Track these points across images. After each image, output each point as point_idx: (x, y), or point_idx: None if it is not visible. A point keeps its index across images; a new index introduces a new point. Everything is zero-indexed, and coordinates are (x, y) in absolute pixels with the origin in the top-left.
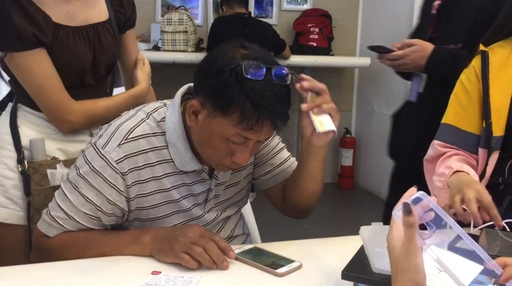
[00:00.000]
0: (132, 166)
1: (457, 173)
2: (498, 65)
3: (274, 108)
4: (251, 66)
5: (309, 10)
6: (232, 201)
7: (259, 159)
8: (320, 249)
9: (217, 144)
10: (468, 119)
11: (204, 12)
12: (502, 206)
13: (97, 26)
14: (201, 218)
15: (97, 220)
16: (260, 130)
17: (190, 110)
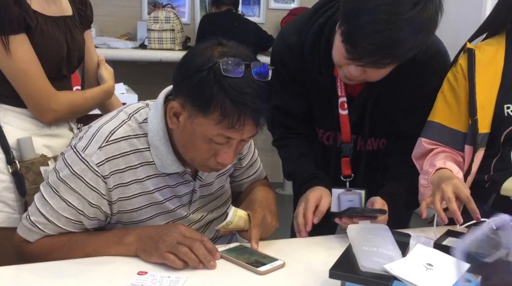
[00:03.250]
0: (113, 168)
1: (440, 170)
2: (484, 63)
3: (255, 105)
4: (229, 64)
5: (297, 8)
6: (218, 202)
7: (239, 163)
8: (307, 248)
9: (200, 145)
10: (455, 117)
11: (191, 10)
12: (487, 203)
13: (66, 19)
14: (186, 219)
15: (79, 224)
16: (242, 129)
17: (171, 112)
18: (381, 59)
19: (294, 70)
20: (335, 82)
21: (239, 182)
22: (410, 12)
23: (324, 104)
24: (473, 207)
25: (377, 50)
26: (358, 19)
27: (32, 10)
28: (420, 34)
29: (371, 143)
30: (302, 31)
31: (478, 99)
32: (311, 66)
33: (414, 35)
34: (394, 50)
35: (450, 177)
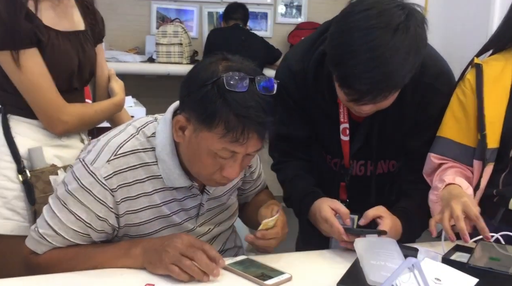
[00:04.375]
0: (121, 182)
1: (449, 185)
2: (492, 78)
3: (259, 118)
4: (233, 78)
5: (303, 23)
6: (225, 216)
7: (250, 177)
8: (314, 261)
9: (205, 159)
10: (463, 132)
11: (199, 24)
12: (496, 218)
13: (79, 34)
14: (193, 231)
15: (87, 236)
16: (246, 143)
17: (177, 126)
18: (380, 94)
19: (298, 97)
20: (339, 109)
21: (247, 193)
22: (392, 41)
23: (330, 131)
24: (482, 225)
25: (374, 88)
26: (346, 65)
27: (44, 25)
28: (410, 57)
29: (381, 166)
30: (305, 58)
31: (487, 114)
32: (315, 93)
33: (404, 61)
34: (390, 81)
35: (459, 194)
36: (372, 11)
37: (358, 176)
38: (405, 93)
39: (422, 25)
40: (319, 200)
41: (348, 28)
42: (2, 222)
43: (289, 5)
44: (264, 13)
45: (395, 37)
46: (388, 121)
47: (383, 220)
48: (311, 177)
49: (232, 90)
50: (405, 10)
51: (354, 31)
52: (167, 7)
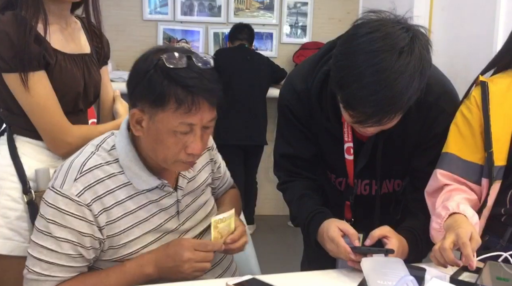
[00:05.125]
0: (93, 196)
1: (453, 215)
2: (498, 95)
3: (204, 85)
4: (172, 57)
5: (308, 43)
6: (204, 212)
7: (218, 172)
8: (320, 281)
9: (167, 140)
10: (469, 149)
11: (205, 45)
12: (504, 237)
13: (84, 56)
14: (177, 231)
15: (80, 256)
16: (200, 111)
17: (133, 120)
18: (385, 117)
19: (302, 116)
20: (343, 128)
21: (218, 191)
22: (396, 64)
23: (334, 150)
24: (466, 252)
25: (379, 111)
26: (350, 87)
27: (52, 48)
28: (415, 79)
29: (386, 185)
30: (309, 78)
31: (493, 132)
32: (319, 113)
33: (409, 83)
34: (395, 104)
35: (459, 224)
36: (377, 34)
37: (363, 195)
38: (410, 112)
39: (426, 47)
40: (328, 221)
41: (353, 51)
42: (2, 241)
43: (294, 25)
44: (270, 33)
45: (400, 60)
46: (392, 140)
47: (390, 240)
48: (318, 196)
49: (173, 67)
50: (409, 32)
51: (359, 53)
52: (173, 28)
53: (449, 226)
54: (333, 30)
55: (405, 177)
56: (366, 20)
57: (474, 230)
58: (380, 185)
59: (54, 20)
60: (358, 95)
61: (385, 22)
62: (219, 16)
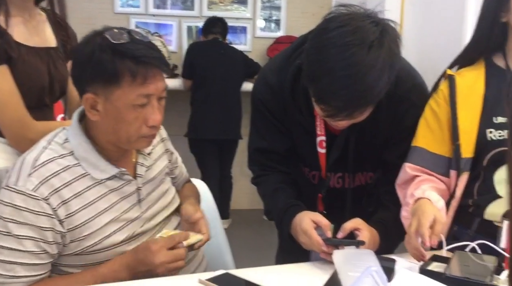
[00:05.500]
0: (50, 189)
1: (419, 200)
2: (465, 89)
3: (152, 54)
4: (114, 33)
5: (282, 37)
6: (166, 200)
7: (175, 161)
8: (293, 274)
9: (127, 117)
10: (438, 142)
11: (178, 38)
12: (472, 227)
13: (50, 50)
14: (139, 219)
15: (44, 253)
16: (154, 79)
17: (88, 106)
18: (356, 110)
19: (276, 110)
20: (315, 121)
21: (178, 181)
22: (367, 58)
23: (307, 144)
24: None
25: (350, 104)
26: (321, 81)
27: (15, 41)
28: (384, 73)
29: (359, 178)
30: (281, 72)
31: (461, 124)
32: (292, 106)
33: (379, 77)
34: (365, 98)
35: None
36: (347, 28)
37: (336, 188)
38: (381, 106)
39: (396, 41)
40: (301, 213)
41: (324, 45)
42: None
43: (268, 19)
44: (244, 27)
45: (370, 54)
46: (364, 134)
47: (361, 232)
48: (292, 189)
49: (118, 42)
50: (379, 26)
51: (330, 48)
52: (146, 21)
53: (414, 211)
54: (306, 24)
55: (377, 169)
56: (336, 14)
57: (437, 212)
58: (353, 178)
59: (17, 12)
60: (330, 89)
61: (355, 16)
62: (192, 9)
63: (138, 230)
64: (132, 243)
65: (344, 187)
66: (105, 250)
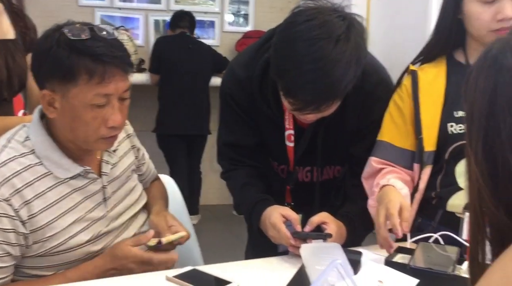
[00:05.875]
0: (11, 190)
1: (384, 187)
2: (427, 84)
3: (113, 53)
4: (73, 29)
5: (251, 31)
6: (132, 198)
7: (142, 158)
8: (262, 269)
9: (85, 116)
10: (402, 136)
11: (145, 32)
12: (435, 219)
13: (7, 42)
14: (105, 218)
15: (7, 255)
16: (113, 79)
17: (45, 103)
18: (324, 104)
19: (244, 104)
20: (284, 115)
21: (145, 178)
22: (334, 51)
23: (276, 138)
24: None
25: (318, 98)
26: (289, 75)
27: None
28: (351, 67)
29: (327, 171)
30: (250, 66)
31: (423, 119)
32: (260, 100)
33: (346, 71)
34: (332, 92)
35: (386, 196)
36: (314, 22)
37: (305, 182)
38: (347, 100)
39: (362, 35)
40: (270, 208)
41: (291, 39)
42: None
43: (236, 13)
44: (212, 22)
45: (336, 48)
46: (332, 127)
47: (328, 225)
48: (261, 183)
49: (77, 39)
50: (345, 21)
51: (297, 41)
52: (111, 14)
53: (380, 199)
54: (275, 19)
55: (345, 163)
56: (304, 8)
57: (403, 199)
58: (321, 172)
59: None
60: (297, 83)
61: (322, 10)
62: (159, 3)
63: (103, 229)
64: (97, 242)
65: (313, 180)
66: (70, 251)
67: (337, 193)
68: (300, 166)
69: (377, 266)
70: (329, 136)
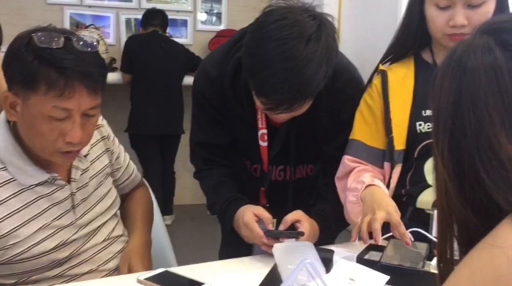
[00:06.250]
0: None
1: (369, 187)
2: (396, 83)
3: (81, 68)
4: (46, 36)
5: (224, 30)
6: (105, 205)
7: (117, 163)
8: (235, 269)
9: (42, 127)
10: (373, 135)
11: (116, 31)
12: (405, 216)
13: None
14: (73, 225)
15: None
16: (74, 95)
17: (7, 104)
18: (296, 103)
19: (216, 103)
20: (257, 115)
21: (123, 183)
22: (305, 51)
23: (249, 137)
24: (403, 231)
25: (289, 98)
26: (261, 75)
27: None
28: (322, 66)
29: (300, 170)
30: (222, 65)
31: (393, 118)
32: (233, 100)
33: (317, 70)
34: (304, 91)
35: (383, 201)
36: (286, 21)
37: (278, 181)
38: (319, 99)
39: (332, 35)
40: (243, 207)
41: (263, 38)
42: None
43: (209, 12)
44: (184, 20)
45: (308, 47)
46: (304, 126)
47: (302, 224)
48: (234, 183)
49: (46, 47)
50: (316, 20)
51: (269, 41)
52: (81, 13)
53: (367, 197)
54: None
55: (317, 162)
56: (275, 7)
57: (391, 204)
58: (294, 171)
59: None
60: (269, 82)
61: (293, 10)
62: (130, 1)
63: (71, 236)
64: (63, 250)
65: (286, 179)
66: (33, 259)
67: (310, 191)
68: (273, 165)
69: (349, 264)
70: (302, 135)
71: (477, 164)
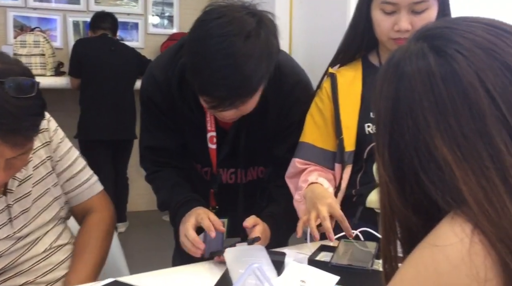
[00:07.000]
0: None
1: (311, 184)
2: (345, 86)
3: (6, 126)
4: None
5: (176, 34)
6: (50, 214)
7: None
8: (188, 275)
9: None
10: (323, 137)
11: (63, 34)
12: (356, 216)
13: None
14: (10, 238)
15: None
16: None
17: None
18: (238, 99)
19: (164, 106)
20: (205, 117)
21: (73, 191)
22: (244, 47)
23: (198, 140)
24: (346, 225)
25: (232, 94)
26: (202, 73)
27: None
28: (263, 62)
29: (251, 172)
30: (169, 68)
31: (343, 120)
32: (181, 103)
33: (258, 66)
34: (246, 86)
35: (323, 195)
36: (224, 19)
37: (229, 184)
38: (267, 101)
39: (273, 32)
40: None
41: (203, 37)
42: None
43: (161, 15)
44: (135, 23)
45: (247, 43)
46: (253, 129)
47: (255, 227)
48: (187, 184)
49: None
50: (255, 17)
51: (208, 39)
52: (26, 15)
53: (309, 197)
54: None
55: (268, 164)
56: (214, 6)
57: (332, 199)
58: (245, 173)
59: None
60: (210, 79)
61: (232, 8)
62: (78, 3)
63: (8, 248)
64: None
65: (237, 182)
66: None
67: (262, 193)
68: (224, 168)
69: (300, 266)
70: (251, 137)
71: (416, 166)
